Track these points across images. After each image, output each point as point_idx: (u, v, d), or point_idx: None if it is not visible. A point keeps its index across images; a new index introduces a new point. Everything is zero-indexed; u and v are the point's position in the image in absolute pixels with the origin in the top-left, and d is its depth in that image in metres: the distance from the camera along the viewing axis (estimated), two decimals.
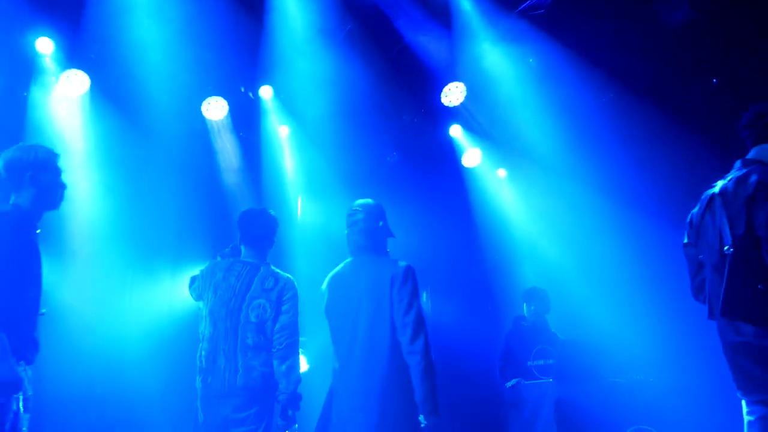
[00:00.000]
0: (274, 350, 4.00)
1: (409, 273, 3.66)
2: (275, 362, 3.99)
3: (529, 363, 5.85)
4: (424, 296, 8.47)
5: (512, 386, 5.83)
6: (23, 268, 3.08)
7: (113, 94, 6.71)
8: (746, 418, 3.19)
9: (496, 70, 7.06)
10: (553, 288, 6.70)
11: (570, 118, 7.09)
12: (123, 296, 7.01)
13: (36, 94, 6.54)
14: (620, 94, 7.01)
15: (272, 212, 4.34)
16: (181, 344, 6.57)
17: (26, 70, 6.42)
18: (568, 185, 7.54)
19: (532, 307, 6.15)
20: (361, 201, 3.94)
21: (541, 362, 5.82)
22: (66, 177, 3.41)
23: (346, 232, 3.91)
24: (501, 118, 7.52)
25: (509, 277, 7.81)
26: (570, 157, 7.28)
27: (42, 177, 3.25)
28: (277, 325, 4.02)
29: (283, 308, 4.05)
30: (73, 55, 6.45)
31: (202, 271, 4.25)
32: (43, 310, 3.15)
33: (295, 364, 4.02)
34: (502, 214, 8.26)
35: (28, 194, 3.22)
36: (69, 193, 3.44)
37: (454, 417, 7.57)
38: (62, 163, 3.38)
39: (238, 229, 4.25)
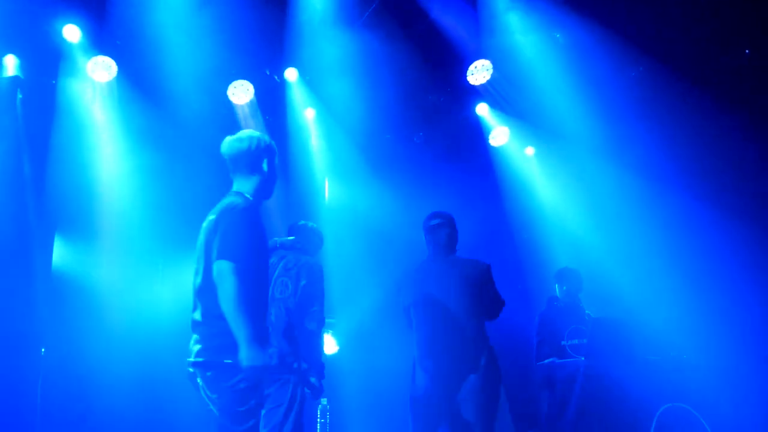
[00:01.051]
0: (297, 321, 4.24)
1: (491, 269, 4.47)
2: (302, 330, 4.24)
3: (562, 342, 5.84)
4: None
5: (545, 365, 5.83)
6: (266, 259, 3.36)
7: (140, 79, 6.77)
8: None
9: (522, 47, 7.02)
10: (584, 266, 6.66)
11: (598, 93, 7.02)
12: (155, 279, 7.09)
13: (64, 81, 6.60)
14: (650, 68, 6.93)
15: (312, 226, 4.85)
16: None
17: (54, 58, 6.49)
18: (597, 162, 7.46)
19: (565, 287, 6.12)
20: (440, 211, 4.64)
21: (575, 341, 5.79)
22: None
23: (424, 235, 4.60)
24: (528, 96, 7.45)
25: (540, 257, 7.77)
26: (599, 134, 7.21)
27: (264, 165, 3.40)
28: (297, 297, 4.26)
29: (302, 283, 4.31)
30: (100, 42, 6.51)
31: None
32: None
33: (318, 334, 4.24)
34: (531, 193, 8.20)
35: (251, 184, 3.36)
36: (100, 177, 3.51)
37: None
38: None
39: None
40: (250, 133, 3.47)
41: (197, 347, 3.13)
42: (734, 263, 6.53)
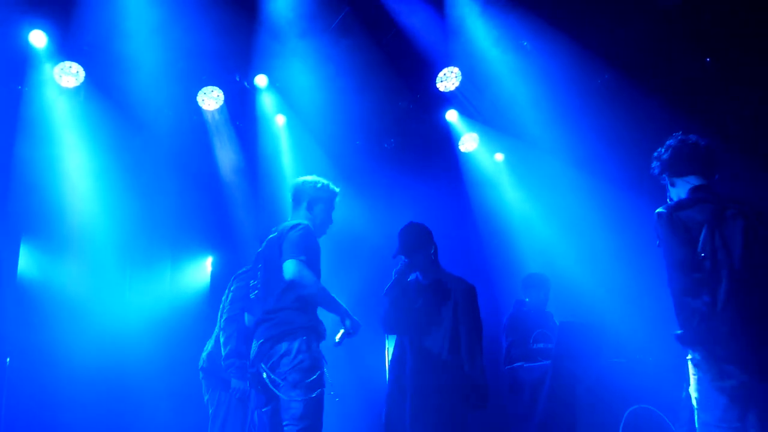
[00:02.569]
0: None
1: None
2: None
3: (530, 346, 5.89)
4: None
5: (513, 369, 5.88)
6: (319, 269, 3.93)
7: (108, 85, 6.72)
8: None
9: (490, 54, 7.04)
10: (551, 271, 6.73)
11: (566, 100, 7.10)
12: (122, 289, 7.08)
13: (31, 87, 6.56)
14: (614, 76, 7.03)
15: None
16: (182, 335, 6.63)
17: (20, 64, 6.43)
18: (564, 168, 7.55)
19: (533, 293, 6.18)
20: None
21: (542, 345, 5.85)
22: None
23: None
24: (497, 102, 7.51)
25: (508, 262, 7.82)
26: (567, 140, 7.30)
27: (321, 208, 4.12)
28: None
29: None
30: (67, 48, 6.47)
31: None
32: None
33: None
34: (500, 199, 8.27)
35: (307, 220, 4.03)
36: (67, 184, 3.51)
37: None
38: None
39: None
40: (320, 179, 4.17)
41: (261, 347, 3.73)
42: None
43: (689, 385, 3.24)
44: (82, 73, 6.57)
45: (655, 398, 5.47)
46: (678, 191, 3.39)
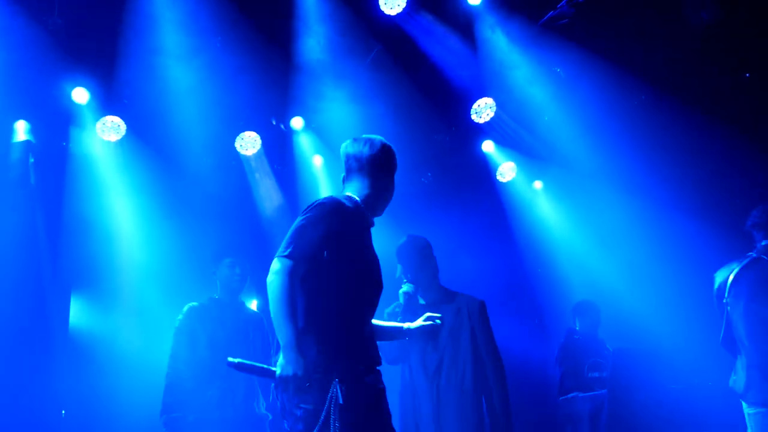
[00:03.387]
0: None
1: None
2: None
3: (584, 376, 5.79)
4: None
5: (568, 399, 5.77)
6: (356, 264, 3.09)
7: (149, 137, 6.83)
8: None
9: (524, 83, 7.03)
10: (599, 297, 6.62)
11: (603, 124, 7.04)
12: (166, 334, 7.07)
13: (74, 143, 6.71)
14: (651, 96, 6.96)
15: None
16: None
17: (64, 121, 6.57)
18: (605, 192, 7.48)
19: (584, 321, 6.10)
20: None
21: (596, 375, 5.75)
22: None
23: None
24: (533, 130, 7.50)
25: (555, 290, 7.73)
26: (606, 163, 7.25)
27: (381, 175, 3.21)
28: None
29: None
30: (108, 103, 6.58)
31: None
32: None
33: None
34: (542, 226, 8.20)
35: (362, 190, 3.20)
36: (114, 236, 3.49)
37: None
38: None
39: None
40: (373, 137, 3.31)
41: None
42: None
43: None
44: (123, 127, 6.65)
45: (714, 424, 5.33)
46: None
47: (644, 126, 6.97)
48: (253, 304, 7.54)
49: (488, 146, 7.96)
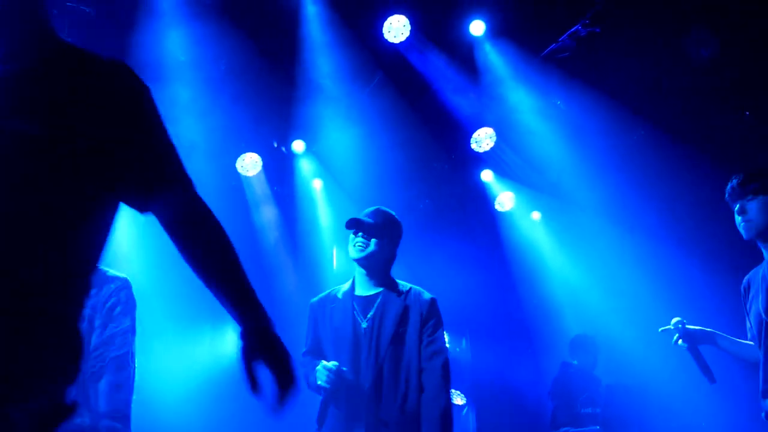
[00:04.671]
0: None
1: None
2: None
3: (577, 411, 5.70)
4: (463, 343, 8.41)
5: None
6: None
7: None
8: None
9: (524, 114, 7.02)
10: (594, 331, 6.54)
11: (602, 157, 7.02)
12: (161, 359, 6.95)
13: None
14: (651, 132, 6.91)
15: None
16: (223, 402, 6.55)
17: None
18: (605, 226, 7.44)
19: (581, 355, 6.02)
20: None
21: (589, 410, 5.66)
22: None
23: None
24: (532, 161, 7.48)
25: (550, 323, 7.66)
26: (605, 197, 7.23)
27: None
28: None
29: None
30: None
31: None
32: None
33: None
34: (539, 258, 8.16)
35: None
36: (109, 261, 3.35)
37: None
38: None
39: None
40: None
41: None
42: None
43: None
44: None
45: None
46: None
47: (643, 161, 6.93)
48: None
49: (487, 175, 7.97)
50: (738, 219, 3.14)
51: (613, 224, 7.35)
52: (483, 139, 7.32)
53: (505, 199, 8.02)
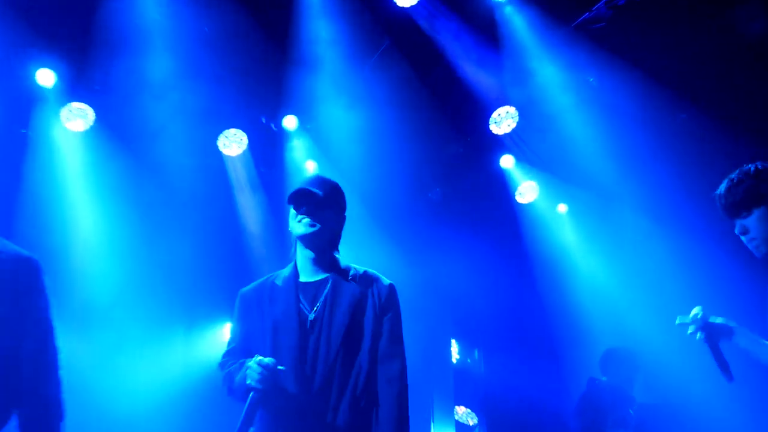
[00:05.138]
0: None
1: None
2: None
3: None
4: (475, 353, 8.43)
5: None
6: None
7: (120, 129, 6.77)
8: None
9: (551, 92, 6.99)
10: (625, 340, 6.53)
11: (638, 143, 6.95)
12: (133, 361, 7.05)
13: (36, 130, 6.64)
14: (694, 115, 6.88)
15: None
16: (195, 404, 6.60)
17: (25, 106, 6.49)
18: (639, 221, 7.40)
19: (611, 370, 6.00)
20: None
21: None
22: None
23: None
24: (560, 146, 7.39)
25: (576, 333, 7.62)
26: (640, 188, 7.16)
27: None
28: None
29: None
30: (77, 88, 6.52)
31: None
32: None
33: None
34: (565, 257, 8.12)
35: None
36: (75, 234, 3.39)
37: None
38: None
39: None
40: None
41: None
42: None
43: None
44: (91, 115, 6.60)
45: None
46: None
47: (684, 148, 6.84)
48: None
49: (507, 161, 7.88)
50: (743, 239, 3.11)
51: (651, 220, 7.26)
52: (503, 120, 7.25)
53: (527, 189, 7.95)
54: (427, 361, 7.82)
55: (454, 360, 8.73)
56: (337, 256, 3.39)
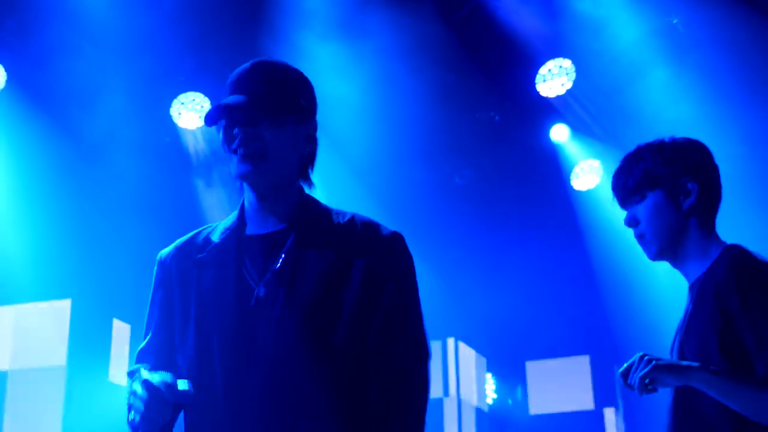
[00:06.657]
0: None
1: None
2: None
3: None
4: (518, 392, 8.45)
5: None
6: None
7: (41, 91, 6.70)
8: None
9: (621, 40, 6.83)
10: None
11: (737, 104, 6.76)
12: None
13: None
14: None
15: None
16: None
17: None
18: (738, 208, 6.84)
19: None
20: None
21: None
22: None
23: None
24: (632, 113, 7.16)
25: (646, 341, 7.18)
26: (740, 166, 6.51)
27: None
28: None
29: None
30: None
31: None
32: None
33: None
34: (634, 254, 7.53)
35: None
36: None
37: None
38: None
39: None
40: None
41: None
42: None
43: None
44: (2, 75, 6.55)
45: None
46: None
47: None
48: None
49: (560, 133, 7.75)
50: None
51: (752, 204, 6.85)
52: (555, 77, 7.21)
53: (586, 171, 7.81)
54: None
55: (488, 401, 8.49)
56: (307, 192, 2.53)
